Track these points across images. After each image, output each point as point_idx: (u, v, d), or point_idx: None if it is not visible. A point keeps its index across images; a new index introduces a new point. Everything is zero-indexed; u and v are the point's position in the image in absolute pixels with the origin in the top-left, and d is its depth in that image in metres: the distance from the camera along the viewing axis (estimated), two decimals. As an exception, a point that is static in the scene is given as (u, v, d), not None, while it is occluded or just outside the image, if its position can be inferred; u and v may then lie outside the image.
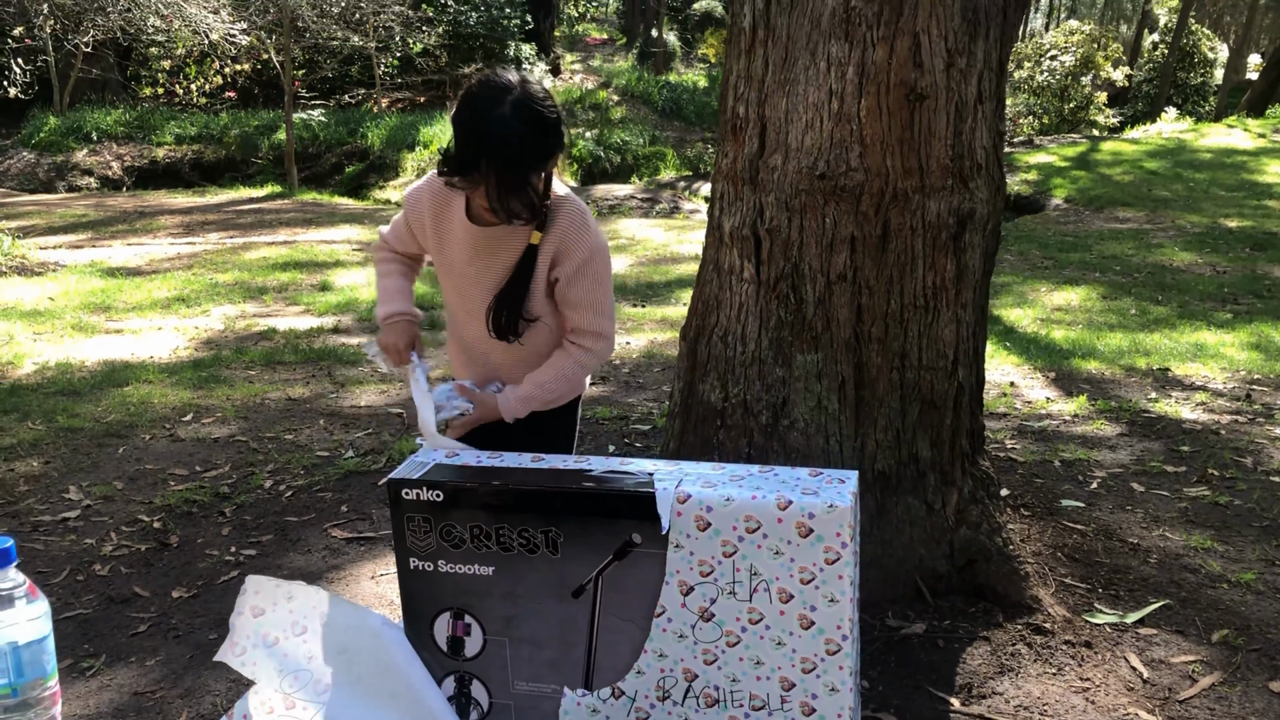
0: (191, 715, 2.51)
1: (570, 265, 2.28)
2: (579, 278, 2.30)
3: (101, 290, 7.70)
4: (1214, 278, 8.20)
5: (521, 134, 2.07)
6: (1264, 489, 3.75)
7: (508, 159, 2.08)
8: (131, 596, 3.12)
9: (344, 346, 6.12)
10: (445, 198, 2.34)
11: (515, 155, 2.08)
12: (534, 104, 2.10)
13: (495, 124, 2.07)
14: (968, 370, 2.82)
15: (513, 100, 2.08)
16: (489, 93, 2.09)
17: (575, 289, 2.31)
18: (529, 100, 2.10)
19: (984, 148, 2.67)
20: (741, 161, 2.74)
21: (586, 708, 1.99)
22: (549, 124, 2.13)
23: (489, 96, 2.09)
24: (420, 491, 1.95)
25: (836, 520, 1.78)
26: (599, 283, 2.33)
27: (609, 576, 1.91)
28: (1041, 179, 13.59)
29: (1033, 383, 5.29)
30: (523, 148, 2.09)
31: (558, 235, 2.28)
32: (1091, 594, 2.95)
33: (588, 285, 2.31)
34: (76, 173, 15.51)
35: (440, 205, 2.36)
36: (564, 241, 2.28)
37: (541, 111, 2.11)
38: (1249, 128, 16.75)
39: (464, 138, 2.10)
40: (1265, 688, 2.52)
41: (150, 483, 4.00)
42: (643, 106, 20.26)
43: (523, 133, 2.08)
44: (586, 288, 2.32)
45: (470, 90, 2.13)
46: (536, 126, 2.10)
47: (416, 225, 2.43)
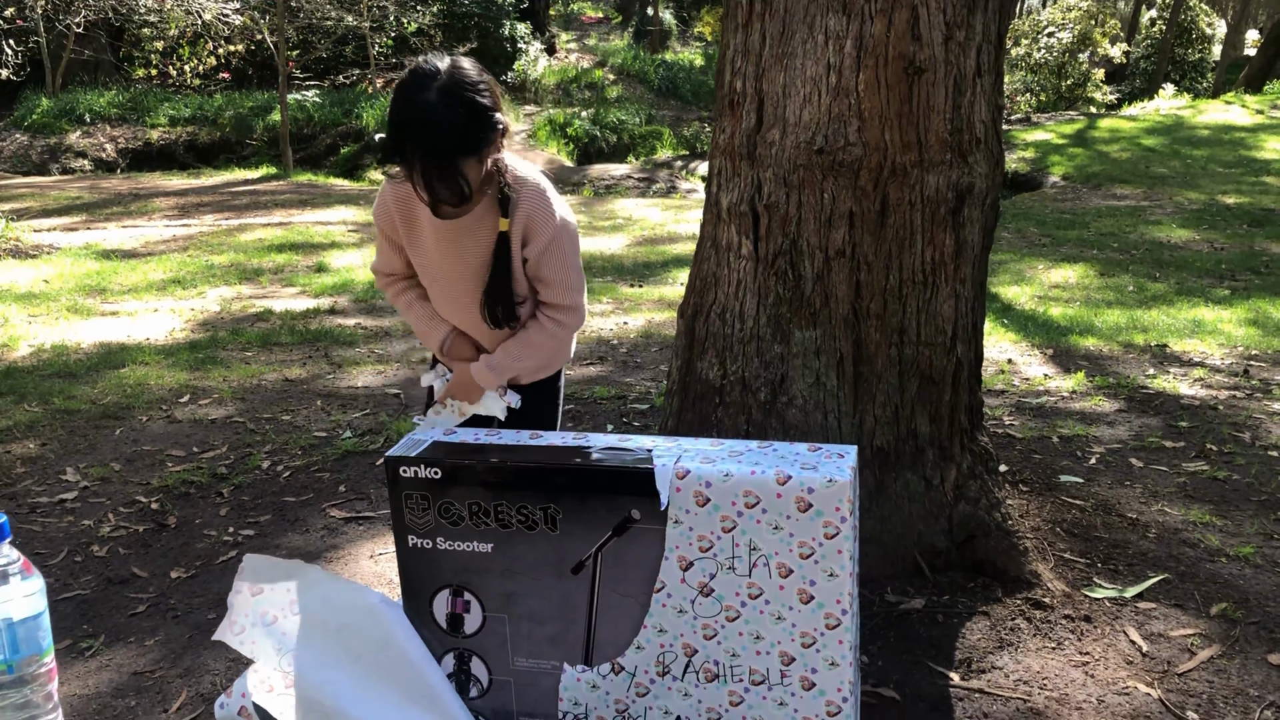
0: (191, 694, 2.51)
1: (537, 245, 2.29)
2: (547, 256, 2.31)
3: (97, 273, 7.67)
4: (1212, 254, 8.19)
5: (442, 119, 2.05)
6: (1262, 464, 3.75)
7: (431, 145, 2.06)
8: (130, 577, 3.12)
9: (340, 327, 6.11)
10: (408, 199, 2.31)
11: (438, 141, 2.06)
12: (462, 90, 2.07)
13: (418, 110, 2.05)
14: (966, 346, 2.81)
15: (439, 86, 2.05)
16: (416, 79, 2.07)
17: (544, 267, 2.32)
18: (456, 86, 2.07)
19: (983, 121, 2.65)
20: (739, 137, 2.72)
21: (586, 683, 1.99)
22: (479, 109, 2.09)
23: (416, 83, 2.07)
24: (418, 469, 1.94)
25: (836, 495, 1.78)
26: (566, 259, 2.34)
27: (608, 552, 1.90)
28: (1039, 156, 13.56)
29: (1031, 360, 5.28)
30: (447, 133, 2.06)
31: (523, 218, 2.27)
32: (1090, 569, 2.95)
33: (555, 263, 2.32)
34: (70, 155, 15.43)
35: (405, 208, 2.34)
36: (529, 223, 2.28)
37: (472, 97, 2.08)
38: (1247, 104, 16.70)
39: (391, 125, 2.09)
40: (1264, 660, 2.52)
41: (148, 464, 4.00)
42: (639, 85, 20.19)
43: (444, 118, 2.05)
44: (555, 265, 2.33)
45: (401, 79, 2.12)
46: (464, 112, 2.07)
47: (391, 234, 2.41)
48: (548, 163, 14.80)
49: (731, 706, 1.93)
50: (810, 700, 1.88)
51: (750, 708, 1.92)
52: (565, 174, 14.21)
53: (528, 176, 2.31)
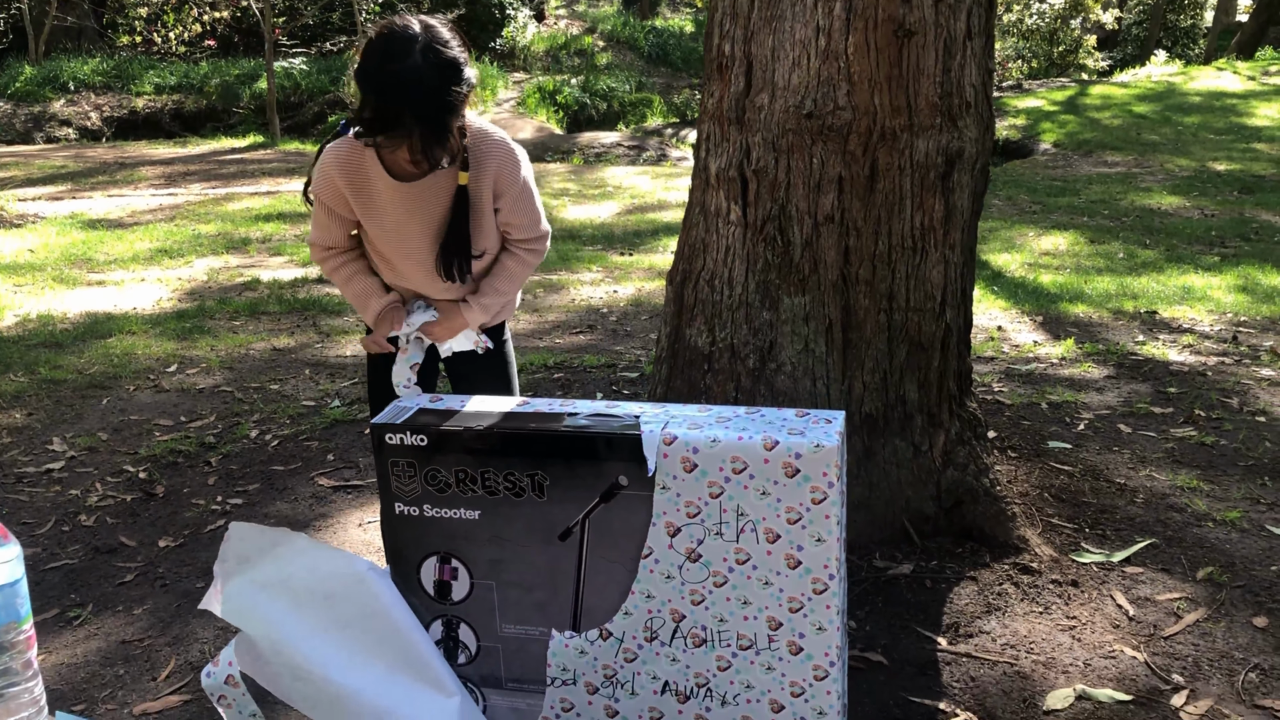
0: (179, 663, 2.51)
1: (510, 196, 2.31)
2: (519, 204, 2.33)
3: (82, 242, 7.62)
4: (1202, 221, 8.19)
5: (437, 84, 2.02)
6: (1249, 429, 3.76)
7: (430, 111, 2.03)
8: (118, 546, 3.11)
9: (328, 296, 6.07)
10: (354, 166, 2.25)
11: (437, 105, 2.03)
12: (443, 49, 2.04)
13: (410, 76, 2.01)
14: (955, 312, 2.80)
15: (421, 48, 2.01)
16: (396, 43, 2.02)
17: (517, 214, 2.34)
18: (436, 45, 2.03)
19: (973, 85, 2.63)
20: (728, 101, 2.70)
21: (574, 649, 1.99)
22: (458, 66, 2.07)
23: (399, 48, 2.02)
24: (404, 436, 1.93)
25: (823, 460, 1.77)
26: (532, 200, 2.37)
27: (596, 519, 1.90)
28: (1030, 123, 13.52)
29: (1020, 326, 5.28)
30: (442, 97, 2.03)
31: (492, 171, 2.25)
32: (1078, 534, 2.96)
33: (525, 207, 2.35)
34: (54, 123, 15.28)
35: (353, 174, 2.26)
36: (499, 175, 2.27)
37: (453, 56, 2.06)
38: (1238, 70, 16.65)
39: (381, 94, 2.03)
40: (1249, 623, 2.54)
41: (135, 433, 3.98)
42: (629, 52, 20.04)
43: (438, 82, 2.02)
44: (525, 209, 2.35)
45: (371, 43, 2.06)
46: (449, 72, 2.05)
47: (337, 204, 2.31)
48: (537, 130, 14.69)
49: (719, 671, 1.94)
50: (798, 665, 1.89)
51: (738, 672, 1.92)
52: (555, 142, 14.12)
53: (487, 129, 2.28)
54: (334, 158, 2.26)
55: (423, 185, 2.25)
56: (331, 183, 2.27)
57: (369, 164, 2.23)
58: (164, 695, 2.39)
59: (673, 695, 1.98)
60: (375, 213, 2.31)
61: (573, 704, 2.04)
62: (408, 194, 2.26)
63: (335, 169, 2.26)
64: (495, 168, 2.26)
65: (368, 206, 2.30)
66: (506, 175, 2.28)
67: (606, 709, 2.02)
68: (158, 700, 2.37)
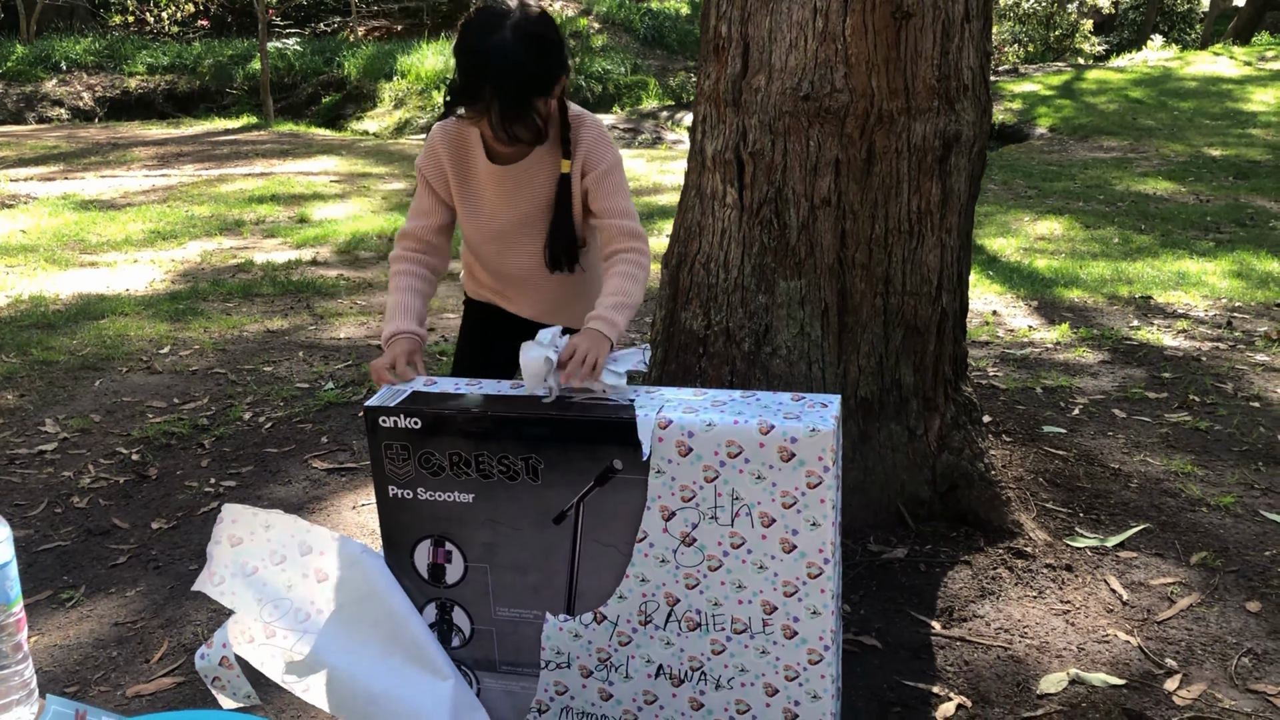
0: (173, 645, 2.51)
1: (597, 172, 2.24)
2: (606, 181, 2.23)
3: (75, 223, 7.58)
4: (1197, 206, 8.18)
5: (521, 59, 2.04)
6: (1244, 414, 3.76)
7: (509, 84, 2.04)
8: (111, 528, 3.10)
9: (322, 279, 6.05)
10: (461, 147, 2.27)
11: (517, 80, 2.05)
12: (533, 27, 2.06)
13: (495, 50, 2.03)
14: (951, 296, 2.80)
15: (512, 24, 2.04)
16: (487, 19, 2.05)
17: (604, 195, 2.23)
18: (528, 23, 2.06)
19: (970, 68, 2.62)
20: (724, 83, 2.68)
21: (569, 632, 1.99)
22: (549, 47, 2.09)
23: (487, 23, 2.05)
24: (398, 419, 1.92)
25: (819, 444, 1.77)
26: (623, 188, 2.27)
27: (590, 502, 1.89)
28: (1026, 108, 13.49)
29: (1015, 311, 5.28)
30: (524, 72, 2.05)
31: (583, 151, 2.24)
32: (1072, 518, 2.97)
33: (614, 188, 2.24)
34: (46, 103, 15.19)
35: (458, 155, 2.28)
36: (589, 155, 2.24)
37: (542, 34, 2.08)
38: (1235, 56, 16.62)
39: (465, 66, 2.06)
40: (1242, 608, 2.54)
41: (128, 415, 3.96)
42: (624, 34, 19.94)
43: (523, 57, 2.04)
44: (615, 192, 2.24)
45: (469, 18, 2.10)
46: (537, 50, 2.06)
47: (439, 183, 2.31)
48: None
49: (714, 655, 1.93)
50: (792, 649, 1.89)
51: (732, 656, 1.92)
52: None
53: (583, 113, 2.27)
54: (441, 134, 2.28)
55: (519, 170, 2.25)
56: (436, 157, 2.29)
57: (473, 144, 2.25)
58: (157, 677, 2.38)
59: (667, 678, 1.98)
60: (471, 196, 2.31)
61: (567, 687, 2.04)
62: (504, 177, 2.26)
63: (441, 144, 2.28)
64: (587, 147, 2.24)
65: (466, 190, 2.31)
66: (597, 152, 2.23)
67: (600, 692, 2.02)
68: (151, 682, 2.37)
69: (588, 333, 2.01)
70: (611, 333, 2.04)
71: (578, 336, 2.00)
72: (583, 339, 1.99)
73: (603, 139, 2.26)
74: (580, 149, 2.24)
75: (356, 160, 10.75)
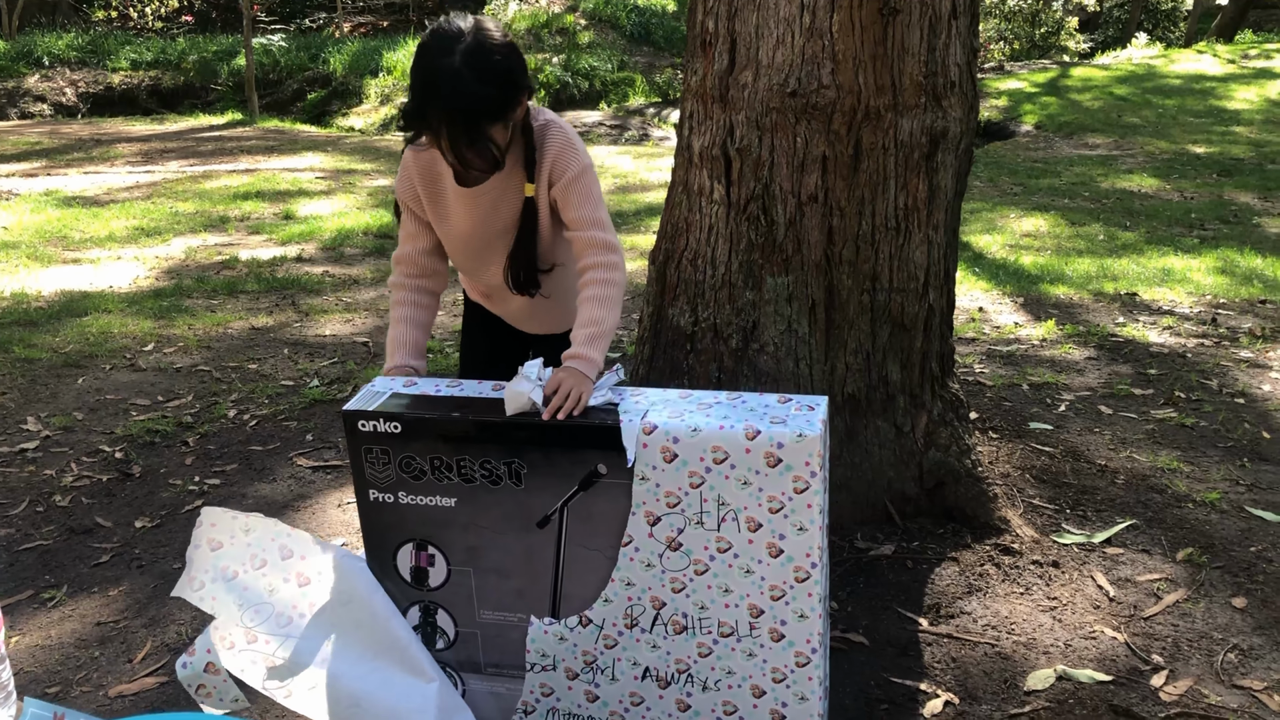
0: (156, 645, 2.49)
1: (563, 182, 2.17)
2: (574, 188, 2.17)
3: (58, 220, 7.51)
4: (1181, 203, 8.20)
5: (471, 87, 1.96)
6: (1229, 410, 3.77)
7: (457, 111, 1.97)
8: (93, 527, 3.07)
9: (308, 275, 6.02)
10: (430, 169, 2.22)
11: (465, 107, 1.97)
12: (486, 53, 1.98)
13: (443, 76, 1.95)
14: (938, 292, 2.79)
15: (463, 49, 1.95)
16: (439, 42, 1.98)
17: (573, 209, 2.18)
18: (480, 49, 1.97)
19: (958, 64, 2.61)
20: (711, 79, 2.67)
21: (554, 635, 1.98)
22: (503, 72, 2.00)
23: (439, 46, 1.97)
24: (377, 423, 1.90)
25: (806, 449, 1.75)
26: (591, 195, 2.19)
27: (574, 507, 1.88)
28: (1012, 105, 13.51)
29: (1001, 308, 5.28)
30: (473, 100, 1.97)
31: (549, 163, 2.17)
32: (1059, 514, 2.97)
33: (582, 196, 2.17)
34: (29, 99, 15.07)
35: (428, 177, 2.24)
36: (555, 164, 2.16)
37: (496, 60, 1.99)
38: (1219, 54, 16.68)
39: (415, 91, 1.99)
40: (1228, 604, 2.54)
41: (111, 413, 3.93)
42: (611, 31, 19.90)
43: (473, 85, 1.96)
44: (582, 199, 2.17)
45: (424, 40, 2.02)
46: (489, 76, 1.98)
47: (415, 206, 2.28)
48: (518, 109, 14.56)
49: (700, 658, 1.92)
50: (779, 651, 1.88)
51: (719, 658, 1.91)
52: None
53: (550, 123, 2.19)
54: (412, 157, 2.24)
55: (485, 191, 2.20)
56: (409, 180, 2.25)
57: (442, 167, 2.20)
58: (140, 677, 2.36)
59: (653, 681, 1.97)
60: (445, 218, 2.27)
61: (552, 689, 2.03)
62: (472, 200, 2.22)
63: (413, 167, 2.24)
64: (553, 157, 2.16)
65: (438, 211, 2.27)
66: (561, 162, 2.16)
67: (587, 694, 2.01)
68: (134, 682, 2.35)
69: (568, 371, 1.97)
70: (591, 371, 2.00)
71: (560, 373, 1.96)
72: (566, 376, 1.95)
73: (569, 146, 2.17)
74: (545, 163, 2.16)
75: (342, 157, 10.70)
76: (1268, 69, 14.78)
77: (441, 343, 4.71)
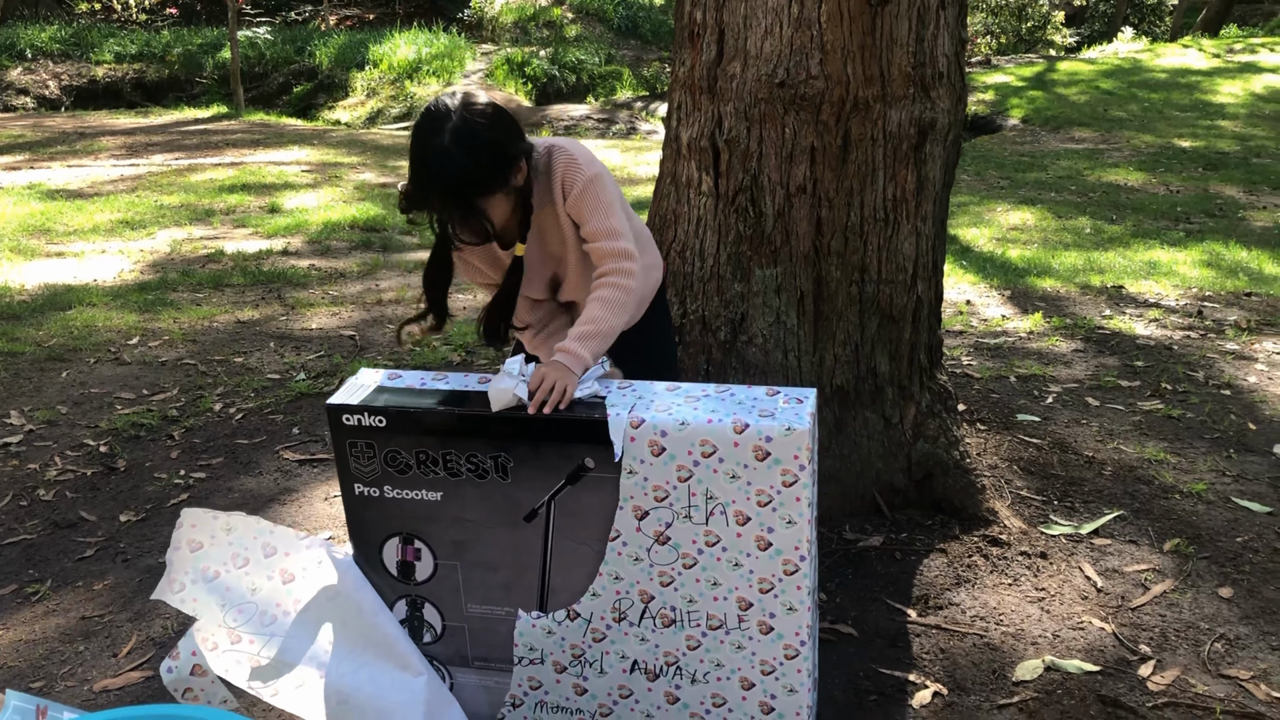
0: (141, 639, 2.47)
1: (573, 196, 2.15)
2: (583, 204, 2.15)
3: (41, 213, 7.46)
4: (1167, 197, 8.23)
5: (460, 165, 1.97)
6: (1215, 402, 3.78)
7: (449, 190, 1.98)
8: (78, 521, 3.05)
9: (294, 269, 5.99)
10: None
11: (457, 186, 1.99)
12: (474, 129, 1.99)
13: (433, 157, 1.98)
14: (927, 284, 2.79)
15: (451, 129, 1.97)
16: (430, 123, 2.00)
17: (587, 222, 2.16)
18: (467, 126, 1.98)
19: (946, 55, 2.61)
20: (699, 70, 2.66)
21: (542, 629, 1.97)
22: (490, 147, 2.01)
23: (430, 127, 1.99)
24: (362, 417, 1.88)
25: (794, 443, 1.75)
26: (600, 204, 2.16)
27: (562, 501, 1.87)
28: (998, 99, 13.53)
29: (989, 301, 5.29)
30: (464, 178, 1.98)
31: (558, 184, 2.15)
32: (1047, 506, 2.97)
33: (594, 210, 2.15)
34: (11, 92, 14.96)
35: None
36: (563, 182, 2.14)
37: (488, 136, 2.00)
38: (1204, 48, 16.73)
39: (411, 172, 2.02)
40: (1215, 594, 2.55)
41: (95, 406, 3.91)
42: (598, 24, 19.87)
43: (462, 163, 1.97)
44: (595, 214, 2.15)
45: (416, 123, 2.04)
46: (478, 153, 1.99)
47: None
48: (504, 103, 14.54)
49: (689, 651, 1.92)
50: (768, 644, 1.87)
51: (708, 651, 1.91)
52: (523, 115, 13.98)
53: (551, 145, 2.17)
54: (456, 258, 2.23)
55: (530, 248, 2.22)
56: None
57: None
58: (125, 671, 2.35)
59: (642, 674, 1.96)
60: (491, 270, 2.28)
61: (541, 682, 2.02)
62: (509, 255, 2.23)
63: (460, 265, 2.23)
64: (559, 180, 2.14)
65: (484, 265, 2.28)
66: (568, 179, 2.14)
67: (575, 687, 2.01)
68: (119, 676, 2.33)
69: (553, 364, 1.96)
70: (576, 365, 1.98)
71: (544, 367, 1.95)
72: (550, 370, 1.94)
73: (571, 163, 2.14)
74: (556, 188, 2.15)
75: (328, 150, 10.65)
76: (1252, 63, 14.84)
77: (429, 336, 4.69)
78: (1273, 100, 12.52)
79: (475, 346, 4.51)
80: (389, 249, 6.51)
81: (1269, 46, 16.16)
